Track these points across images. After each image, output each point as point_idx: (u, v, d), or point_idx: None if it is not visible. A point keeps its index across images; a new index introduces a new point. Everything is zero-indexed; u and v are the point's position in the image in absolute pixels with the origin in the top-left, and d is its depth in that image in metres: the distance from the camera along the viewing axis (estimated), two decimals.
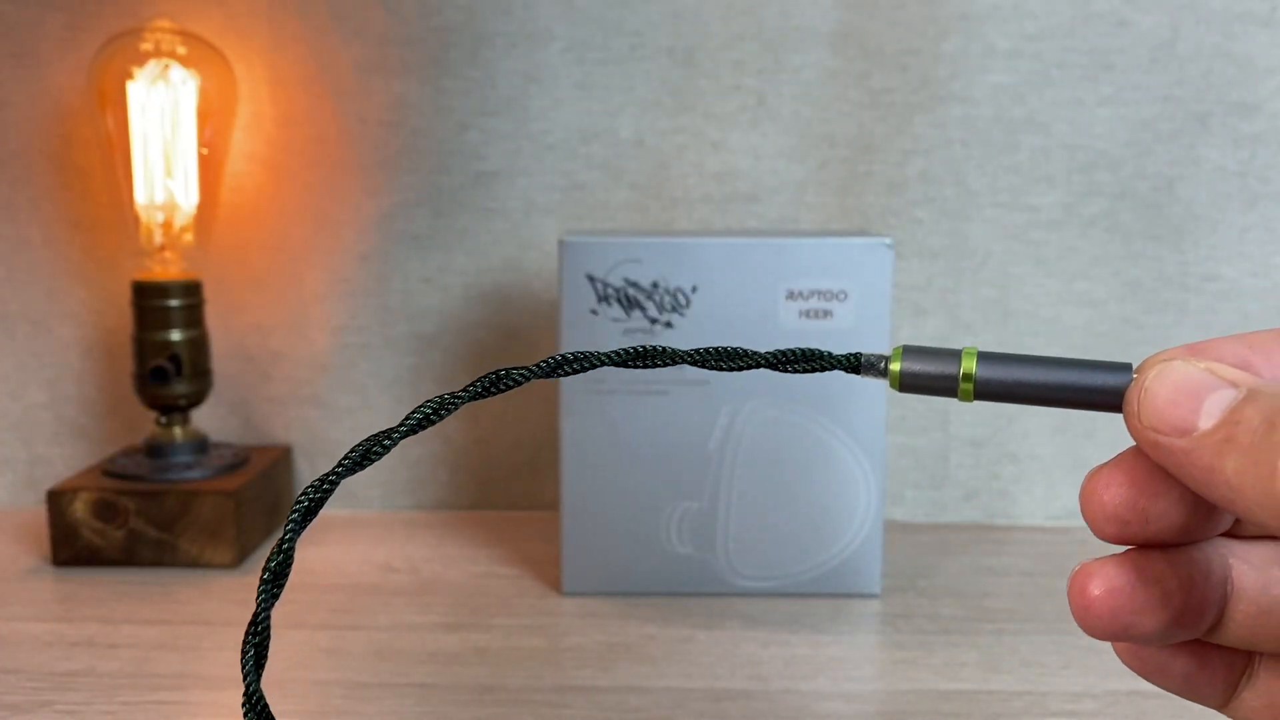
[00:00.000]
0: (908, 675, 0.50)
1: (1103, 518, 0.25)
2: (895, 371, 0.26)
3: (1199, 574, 0.25)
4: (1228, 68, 0.67)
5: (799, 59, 0.68)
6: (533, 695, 0.48)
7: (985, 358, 0.25)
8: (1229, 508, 0.22)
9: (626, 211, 0.69)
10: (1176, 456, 0.23)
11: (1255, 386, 0.22)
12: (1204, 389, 0.23)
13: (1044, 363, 0.25)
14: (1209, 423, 0.22)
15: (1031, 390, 0.25)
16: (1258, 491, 0.21)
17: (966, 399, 0.26)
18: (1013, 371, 0.25)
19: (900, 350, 0.26)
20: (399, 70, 0.68)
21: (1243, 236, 0.68)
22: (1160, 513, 0.25)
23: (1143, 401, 0.23)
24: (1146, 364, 0.24)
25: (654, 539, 0.57)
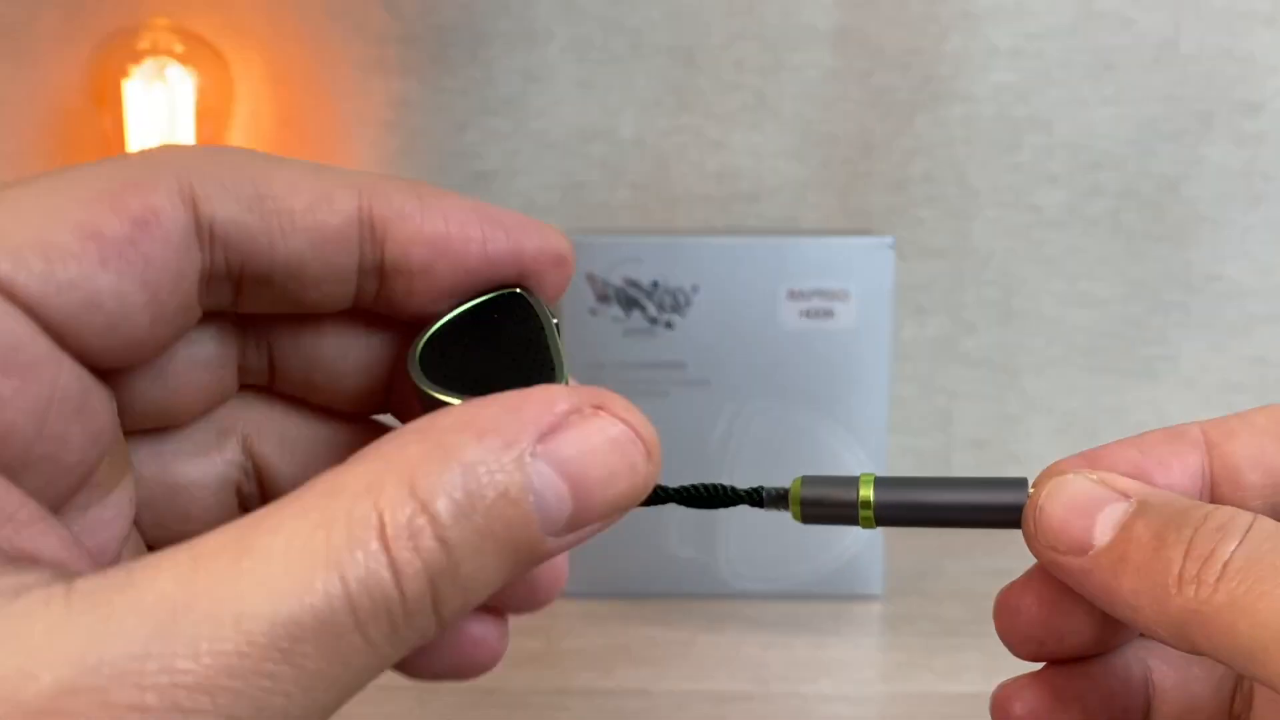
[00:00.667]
0: (910, 677, 0.50)
1: (1017, 639, 0.25)
2: (795, 502, 0.26)
3: (1119, 683, 0.25)
4: (1231, 67, 0.66)
5: (800, 58, 0.67)
6: (532, 698, 0.47)
7: (882, 484, 0.25)
8: (1131, 625, 0.22)
9: (627, 211, 0.69)
10: (1076, 575, 0.22)
11: (1146, 498, 0.22)
12: (1096, 504, 0.22)
13: (941, 484, 0.25)
14: (1103, 540, 0.22)
15: (931, 512, 0.25)
16: (1153, 611, 0.21)
17: (868, 526, 0.25)
18: (910, 494, 0.25)
19: (799, 482, 0.26)
20: (398, 69, 0.68)
21: (1246, 236, 0.68)
22: (1073, 629, 0.25)
23: (1038, 521, 0.23)
24: (1040, 479, 0.24)
25: (655, 540, 0.57)
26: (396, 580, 0.17)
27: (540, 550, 0.19)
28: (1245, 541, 0.20)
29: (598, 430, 0.19)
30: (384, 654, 0.18)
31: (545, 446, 0.19)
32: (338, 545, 0.17)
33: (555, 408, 0.19)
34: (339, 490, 0.18)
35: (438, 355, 0.22)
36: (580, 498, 0.19)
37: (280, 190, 0.21)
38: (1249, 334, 0.68)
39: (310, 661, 0.17)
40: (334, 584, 0.17)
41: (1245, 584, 0.19)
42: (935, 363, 0.70)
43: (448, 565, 0.18)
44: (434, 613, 0.18)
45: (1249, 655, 0.19)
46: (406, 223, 0.22)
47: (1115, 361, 0.69)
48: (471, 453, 0.18)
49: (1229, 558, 0.20)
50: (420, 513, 0.17)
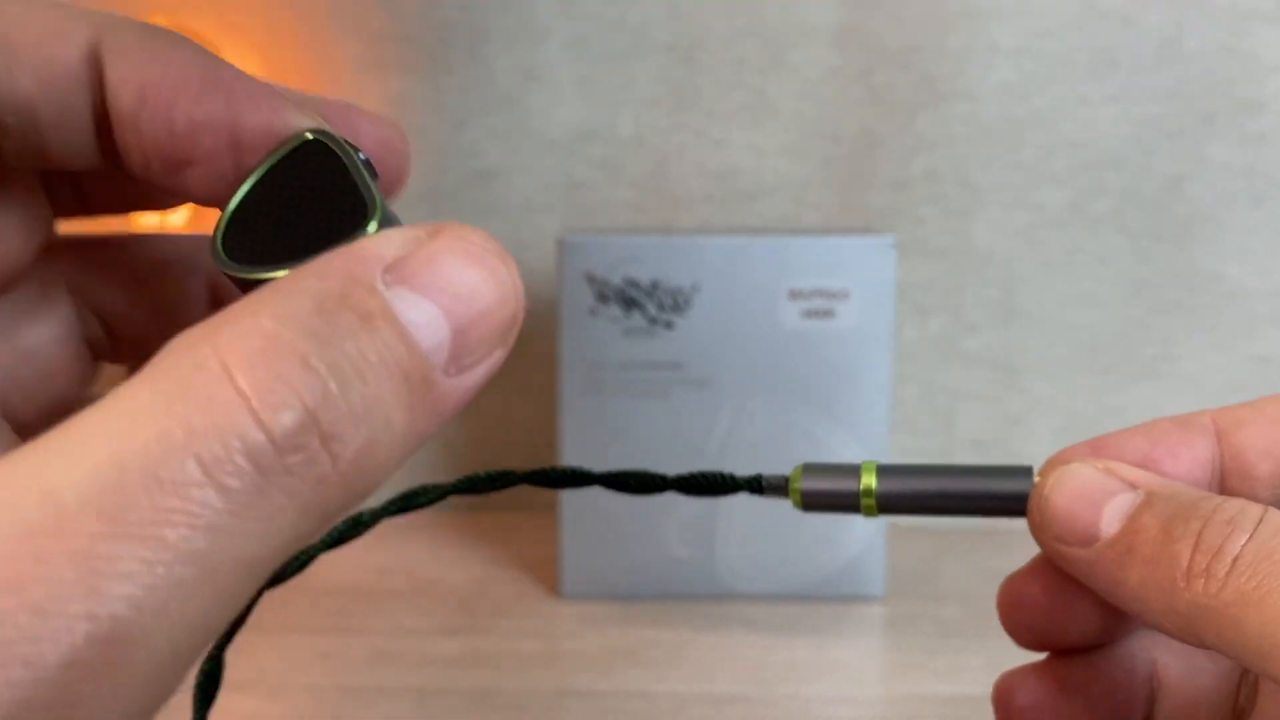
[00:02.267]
0: (911, 679, 0.49)
1: (1021, 629, 0.25)
2: (796, 490, 0.25)
3: (1123, 675, 0.25)
4: (1234, 66, 0.66)
5: (800, 56, 0.67)
6: (531, 700, 0.47)
7: (885, 471, 0.25)
8: (1138, 618, 0.22)
9: (626, 210, 0.69)
10: (1082, 567, 0.22)
11: (1153, 489, 0.22)
12: (1103, 494, 0.22)
13: (945, 472, 0.25)
14: (1110, 531, 0.22)
15: (934, 501, 0.25)
16: (1160, 604, 0.20)
17: (870, 514, 0.25)
18: (913, 483, 0.25)
19: (800, 469, 0.25)
20: (396, 67, 0.68)
21: (1249, 235, 0.67)
22: (1078, 619, 0.24)
23: (1043, 511, 0.23)
24: (1046, 467, 0.24)
25: (654, 542, 0.57)
26: (253, 414, 0.14)
27: (436, 387, 0.16)
28: (1255, 535, 0.20)
29: (442, 248, 0.17)
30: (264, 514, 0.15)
31: (395, 274, 0.16)
32: (167, 394, 0.14)
33: (392, 240, 0.17)
34: (164, 351, 0.15)
35: (244, 233, 0.20)
36: (455, 316, 0.17)
37: (9, 23, 0.19)
38: (1251, 333, 0.68)
39: (147, 529, 0.14)
40: (166, 434, 0.14)
41: (1255, 579, 0.19)
42: (936, 363, 0.69)
43: (326, 391, 0.15)
44: (326, 451, 0.15)
45: (1257, 651, 0.19)
46: (124, 62, 0.20)
47: (1117, 361, 0.69)
48: (317, 286, 0.16)
49: (1239, 552, 0.20)
50: (272, 341, 0.15)
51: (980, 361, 0.69)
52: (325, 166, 0.20)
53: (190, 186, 0.21)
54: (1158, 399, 0.69)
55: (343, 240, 0.18)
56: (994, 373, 0.70)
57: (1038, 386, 0.70)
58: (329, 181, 0.20)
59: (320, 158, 0.20)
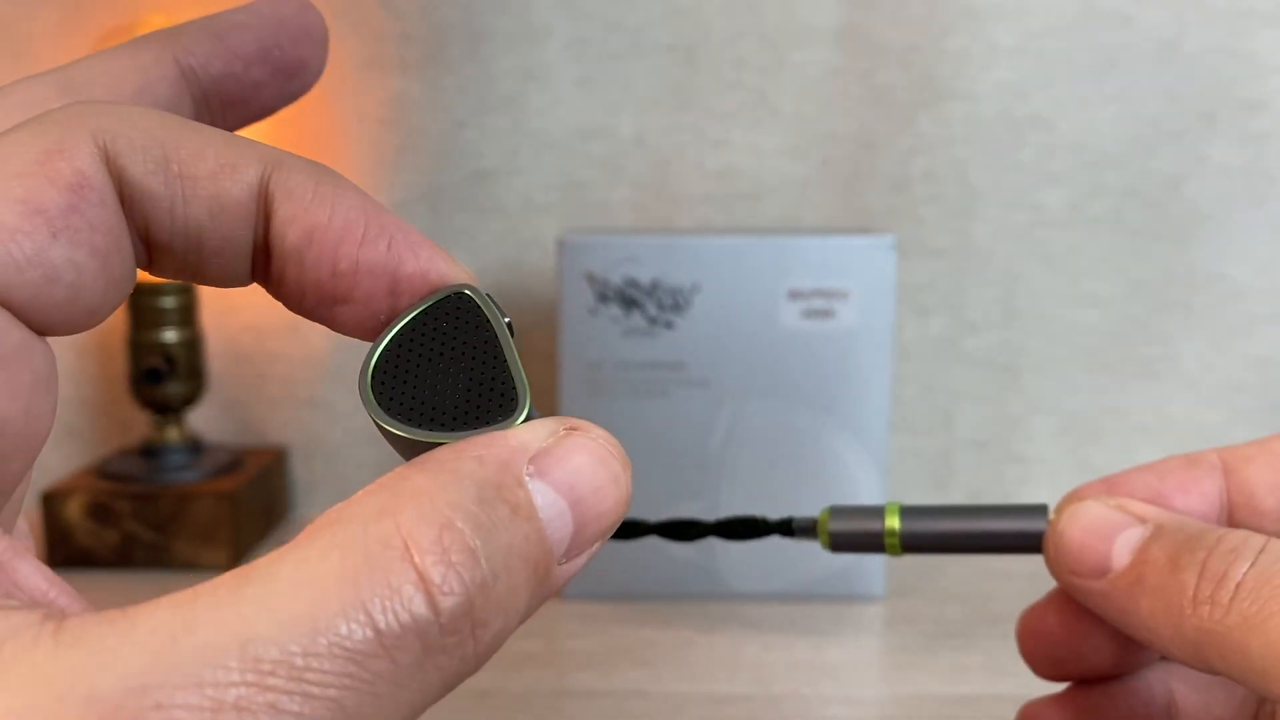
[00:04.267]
0: (911, 679, 0.49)
1: (1039, 659, 0.26)
2: (824, 532, 0.27)
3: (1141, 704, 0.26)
4: (1234, 66, 0.66)
5: (801, 56, 0.67)
6: (531, 700, 0.47)
7: (907, 513, 0.26)
8: (1150, 646, 0.23)
9: (626, 210, 0.69)
10: (1096, 598, 0.23)
11: (1162, 522, 0.23)
12: (1114, 529, 0.23)
13: (965, 513, 0.26)
14: (1121, 563, 0.23)
15: (955, 540, 0.26)
16: (1169, 631, 0.21)
17: (895, 553, 0.26)
18: (935, 524, 0.26)
19: (827, 513, 0.27)
20: (396, 67, 0.68)
21: (1249, 235, 0.67)
22: (1094, 649, 0.25)
23: (1058, 546, 0.24)
24: (1061, 505, 0.25)
25: (654, 542, 0.57)
26: (429, 598, 0.16)
27: (553, 575, 0.19)
28: (1257, 563, 0.21)
29: (579, 448, 0.19)
30: (417, 686, 0.16)
31: (537, 467, 0.18)
32: (354, 565, 0.16)
33: (538, 432, 0.19)
34: (348, 518, 0.17)
35: (390, 379, 0.21)
36: (579, 513, 0.19)
37: (187, 155, 0.20)
38: (1252, 334, 0.68)
39: (329, 690, 0.15)
40: (353, 604, 0.16)
41: (1257, 604, 0.20)
42: (937, 363, 0.69)
43: (484, 580, 0.17)
44: (472, 636, 0.17)
45: (1262, 674, 0.20)
46: (292, 202, 0.21)
47: (1117, 361, 0.69)
48: (478, 473, 0.18)
49: (1242, 579, 0.20)
50: (447, 528, 0.17)
51: (980, 362, 0.69)
52: (474, 324, 0.21)
53: (340, 320, 0.22)
54: (1158, 399, 0.69)
55: (494, 421, 0.20)
56: (994, 373, 0.69)
57: (1037, 386, 0.70)
58: (477, 344, 0.21)
59: (469, 314, 0.22)
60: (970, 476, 0.70)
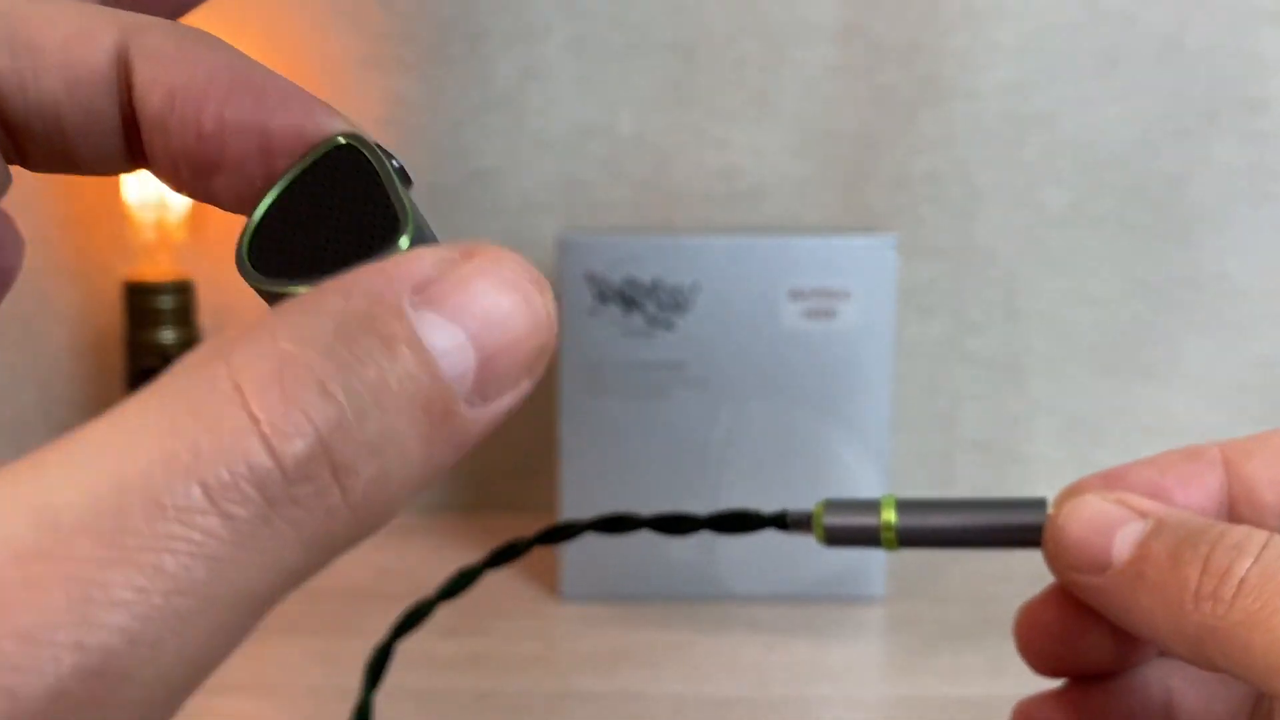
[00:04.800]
0: (912, 680, 0.49)
1: (1038, 655, 0.26)
2: (819, 526, 0.26)
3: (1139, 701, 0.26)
4: (1237, 64, 0.66)
5: (802, 54, 0.67)
6: (531, 701, 0.47)
7: (904, 506, 0.26)
8: (1150, 641, 0.23)
9: (626, 209, 0.69)
10: (1095, 593, 0.23)
11: (1163, 517, 0.23)
12: (1114, 523, 0.23)
13: (962, 506, 0.26)
14: (1121, 558, 0.22)
15: (952, 534, 0.26)
16: (1170, 627, 0.21)
17: (891, 548, 0.26)
18: (931, 518, 0.26)
19: (822, 506, 0.26)
20: (396, 66, 0.68)
21: (1252, 235, 0.67)
22: (1093, 645, 0.25)
23: (1057, 540, 0.24)
24: (1060, 499, 0.25)
25: (654, 543, 0.56)
26: (264, 440, 0.13)
27: (456, 418, 0.15)
28: (1260, 559, 0.20)
29: (476, 271, 0.16)
30: (265, 545, 0.14)
31: (424, 296, 0.15)
32: (174, 413, 0.13)
33: (424, 259, 0.16)
34: (175, 369, 0.14)
35: (271, 242, 0.19)
36: (482, 342, 0.16)
37: (35, 27, 0.19)
38: (1254, 333, 0.68)
39: (145, 555, 0.13)
40: (171, 455, 0.13)
41: (1260, 600, 0.20)
42: (938, 363, 0.69)
43: (342, 419, 0.14)
44: (336, 483, 0.14)
45: (1264, 670, 0.19)
46: (152, 63, 0.19)
47: (1120, 361, 0.69)
48: (340, 306, 0.15)
49: (1244, 574, 0.20)
50: (289, 363, 0.14)
51: (982, 361, 0.69)
52: (357, 173, 0.19)
53: (218, 192, 0.20)
54: (1160, 399, 0.69)
55: (372, 255, 0.17)
56: (995, 373, 0.69)
57: (1039, 386, 0.69)
58: (360, 189, 0.19)
59: (352, 164, 0.20)
60: (972, 477, 0.70)
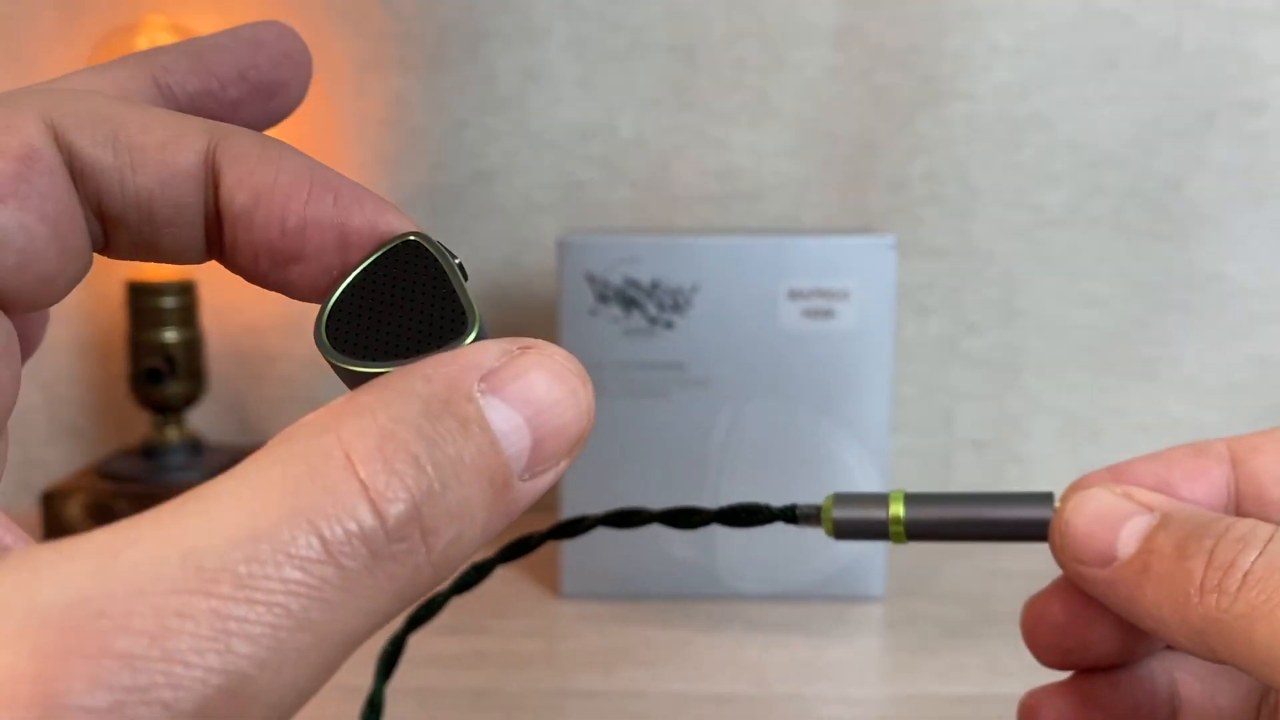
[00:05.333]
0: (911, 679, 0.49)
1: (1044, 647, 0.26)
2: (828, 519, 0.27)
3: (1144, 693, 0.26)
4: (1233, 65, 0.66)
5: (801, 56, 0.67)
6: (531, 700, 0.47)
7: (912, 500, 0.26)
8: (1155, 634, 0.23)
9: (626, 210, 0.69)
10: (1101, 586, 0.23)
11: (1169, 511, 0.23)
12: (1120, 517, 0.23)
13: (970, 500, 0.26)
14: (1127, 551, 0.23)
15: (959, 528, 0.26)
16: (1176, 620, 0.21)
17: (899, 541, 0.26)
18: (939, 511, 0.26)
19: (831, 499, 0.27)
20: (397, 68, 0.68)
21: (1249, 235, 0.67)
22: (1099, 638, 0.25)
23: (1064, 534, 0.24)
24: (1067, 493, 0.25)
25: (654, 542, 0.57)
26: (372, 504, 0.16)
27: (513, 491, 0.18)
28: (1265, 552, 0.21)
29: (533, 364, 0.19)
30: (367, 592, 0.16)
31: (489, 384, 0.18)
32: (295, 476, 0.16)
33: (489, 351, 0.19)
34: (291, 436, 0.17)
35: (345, 324, 0.21)
36: (536, 426, 0.19)
37: (135, 129, 0.21)
38: (1251, 334, 0.68)
39: (275, 596, 0.15)
40: (295, 512, 0.16)
41: (1265, 593, 0.20)
42: (936, 363, 0.69)
43: (430, 487, 0.17)
44: (424, 544, 0.17)
45: (1268, 663, 0.19)
46: (239, 166, 0.21)
47: (1117, 361, 0.69)
48: (424, 390, 0.18)
49: (1249, 567, 0.20)
50: (389, 438, 0.17)
51: (980, 362, 0.69)
52: (424, 267, 0.22)
53: (295, 281, 0.22)
54: (1157, 399, 0.69)
55: (444, 345, 0.20)
56: (994, 373, 0.69)
57: (1038, 386, 0.70)
58: (428, 283, 0.22)
59: (420, 259, 0.22)
60: (970, 477, 0.70)
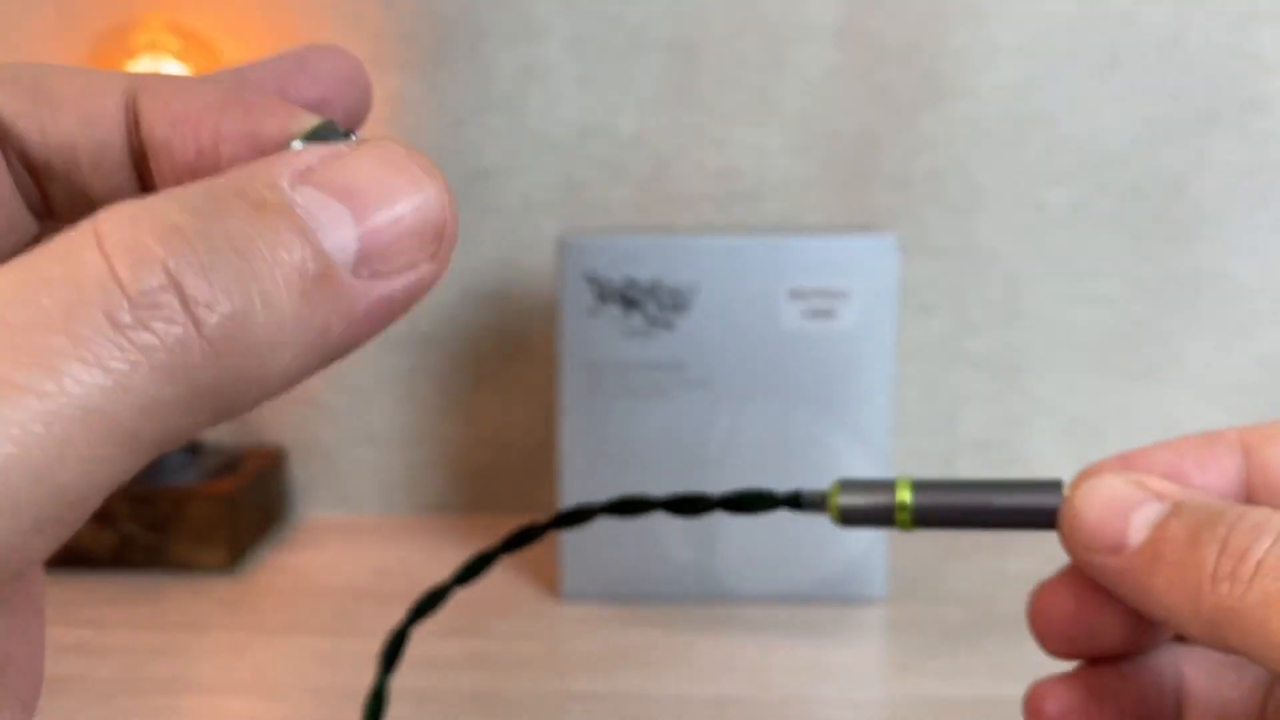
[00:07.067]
0: (913, 681, 0.49)
1: (1051, 636, 0.26)
2: (834, 505, 0.26)
3: (1151, 685, 0.26)
4: (1237, 64, 0.66)
5: (802, 54, 0.67)
6: (531, 702, 0.47)
7: (920, 486, 0.26)
8: (1166, 624, 0.22)
9: (626, 210, 0.69)
10: (1111, 575, 0.23)
11: (1181, 499, 0.23)
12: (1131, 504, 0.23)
13: (978, 487, 0.26)
14: (1138, 539, 0.22)
15: (967, 515, 0.26)
16: (1186, 610, 0.21)
17: (905, 528, 0.26)
18: (947, 497, 0.26)
19: (838, 485, 0.26)
20: (395, 66, 0.68)
21: (1252, 234, 0.67)
22: (1106, 627, 0.25)
23: (1074, 521, 0.24)
24: (1077, 480, 0.25)
25: (654, 543, 0.56)
26: (107, 262, 0.15)
27: (338, 283, 0.16)
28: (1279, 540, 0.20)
29: (360, 154, 0.17)
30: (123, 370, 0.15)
31: (304, 177, 0.17)
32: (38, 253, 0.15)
33: (312, 152, 0.17)
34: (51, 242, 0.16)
35: None
36: (364, 215, 0.17)
37: (56, 81, 0.21)
38: (1255, 333, 0.68)
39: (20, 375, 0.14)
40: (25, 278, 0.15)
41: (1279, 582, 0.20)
42: (939, 363, 0.69)
43: (189, 254, 0.15)
44: (186, 313, 0.15)
45: None
46: (156, 98, 0.21)
47: (1121, 361, 0.69)
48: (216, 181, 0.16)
49: (1263, 556, 0.20)
50: (146, 212, 0.15)
51: (983, 362, 0.69)
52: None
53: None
54: (1161, 399, 0.69)
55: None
56: (996, 373, 0.69)
57: (1040, 387, 0.69)
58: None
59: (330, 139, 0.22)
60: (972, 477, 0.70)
